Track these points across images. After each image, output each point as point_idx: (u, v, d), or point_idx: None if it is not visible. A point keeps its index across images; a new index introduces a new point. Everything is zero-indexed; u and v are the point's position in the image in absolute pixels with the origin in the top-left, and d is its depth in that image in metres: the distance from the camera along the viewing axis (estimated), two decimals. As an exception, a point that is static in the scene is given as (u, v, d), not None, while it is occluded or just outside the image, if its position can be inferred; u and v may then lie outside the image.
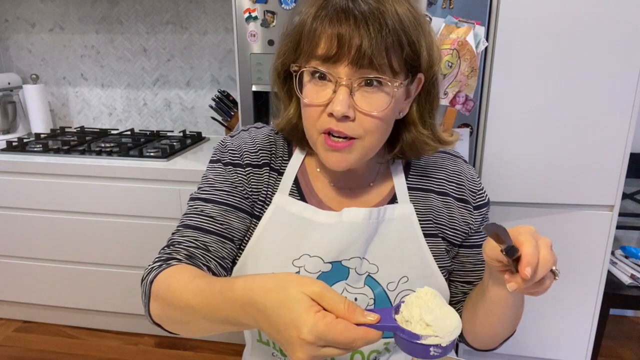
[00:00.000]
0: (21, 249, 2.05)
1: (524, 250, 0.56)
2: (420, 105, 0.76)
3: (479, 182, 0.84)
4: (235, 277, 0.62)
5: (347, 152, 0.71)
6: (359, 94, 0.68)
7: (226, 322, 0.60)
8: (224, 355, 2.03)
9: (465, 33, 1.43)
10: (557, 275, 0.59)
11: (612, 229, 1.62)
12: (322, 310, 0.52)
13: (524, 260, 0.56)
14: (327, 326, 0.50)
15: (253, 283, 0.56)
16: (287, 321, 0.51)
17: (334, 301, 0.52)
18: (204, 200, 0.80)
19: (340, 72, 0.67)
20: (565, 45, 1.46)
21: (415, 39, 0.68)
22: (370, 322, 0.52)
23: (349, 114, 0.67)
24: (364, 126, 0.69)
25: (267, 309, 0.53)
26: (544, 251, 0.57)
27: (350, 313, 0.52)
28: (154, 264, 0.74)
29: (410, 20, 0.68)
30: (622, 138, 1.52)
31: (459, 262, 0.85)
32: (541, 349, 1.79)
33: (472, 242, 0.83)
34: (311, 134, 0.73)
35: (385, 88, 0.68)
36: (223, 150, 0.82)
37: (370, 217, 0.76)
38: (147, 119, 2.46)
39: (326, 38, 0.66)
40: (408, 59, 0.69)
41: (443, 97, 1.49)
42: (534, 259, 0.56)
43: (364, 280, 0.78)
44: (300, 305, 0.51)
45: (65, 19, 2.35)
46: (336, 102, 0.66)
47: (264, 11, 1.57)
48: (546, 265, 0.57)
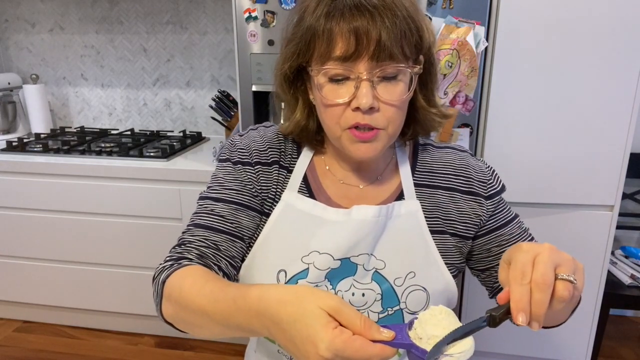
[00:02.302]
0: (21, 249, 2.05)
1: (511, 296, 0.54)
2: (424, 85, 0.78)
3: (488, 171, 0.84)
4: (249, 285, 0.62)
5: (374, 141, 0.72)
6: (380, 86, 0.69)
7: (239, 329, 0.61)
8: (225, 355, 2.03)
9: (465, 33, 1.43)
10: (572, 280, 0.54)
11: (612, 229, 1.62)
12: (339, 326, 0.52)
13: (513, 308, 0.53)
14: (345, 343, 0.50)
15: (269, 294, 0.57)
16: (304, 336, 0.52)
17: (350, 317, 0.52)
18: (214, 199, 0.80)
19: (360, 68, 0.68)
20: (565, 45, 1.46)
21: (419, 23, 0.70)
22: (385, 339, 0.53)
23: (374, 105, 0.69)
24: (387, 115, 0.71)
25: (283, 322, 0.54)
26: (538, 276, 0.53)
27: (366, 329, 0.52)
28: (165, 263, 0.74)
29: (411, 5, 0.70)
30: (622, 138, 1.52)
31: (485, 252, 0.84)
32: (541, 349, 1.79)
33: (489, 227, 0.83)
34: (334, 131, 0.74)
35: (403, 76, 0.70)
36: (232, 149, 0.83)
37: (379, 214, 0.77)
38: (147, 119, 2.46)
39: (343, 36, 0.66)
40: (416, 44, 0.71)
41: (443, 97, 1.49)
42: (523, 302, 0.52)
43: (371, 276, 0.78)
44: (317, 320, 0.51)
45: (65, 19, 2.35)
46: (361, 96, 0.68)
47: (264, 11, 1.57)
48: (542, 298, 0.52)
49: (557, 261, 0.55)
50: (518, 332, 1.75)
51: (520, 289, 0.53)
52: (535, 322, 0.53)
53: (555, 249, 0.56)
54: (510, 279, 0.55)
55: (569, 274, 0.54)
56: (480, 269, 0.86)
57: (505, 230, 0.83)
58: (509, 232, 0.83)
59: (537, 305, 0.52)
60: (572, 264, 0.56)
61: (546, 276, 0.53)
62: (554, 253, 0.55)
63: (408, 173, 0.83)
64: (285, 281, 0.77)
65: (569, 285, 0.54)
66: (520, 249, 0.57)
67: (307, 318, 0.52)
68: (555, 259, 0.55)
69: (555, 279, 0.54)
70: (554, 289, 0.53)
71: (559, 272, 0.54)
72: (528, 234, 0.85)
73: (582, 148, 1.54)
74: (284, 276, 0.77)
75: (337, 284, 0.77)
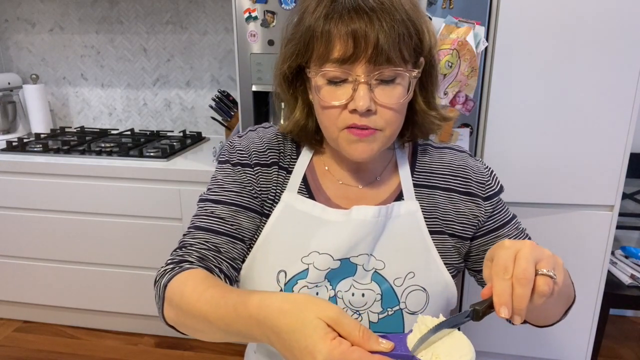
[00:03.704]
0: (21, 249, 2.05)
1: (493, 290, 0.55)
2: (424, 87, 0.78)
3: (486, 172, 0.84)
4: (250, 292, 0.62)
5: (371, 141, 0.72)
6: (378, 89, 0.69)
7: (240, 336, 0.61)
8: (224, 355, 2.03)
9: (465, 33, 1.43)
10: (552, 276, 0.55)
11: (612, 229, 1.62)
12: (338, 337, 0.52)
13: (495, 302, 0.54)
14: (342, 354, 0.50)
15: (268, 303, 0.57)
16: (302, 346, 0.52)
17: (349, 327, 0.53)
18: (214, 201, 0.80)
19: (358, 71, 0.68)
20: (565, 45, 1.46)
21: (419, 26, 0.70)
22: (384, 350, 0.53)
23: (371, 108, 0.69)
24: (385, 117, 0.71)
25: (282, 332, 0.54)
26: (519, 271, 0.54)
27: (365, 340, 0.52)
28: (166, 266, 0.74)
29: (412, 8, 0.69)
30: (622, 138, 1.52)
31: (482, 252, 0.84)
32: (541, 349, 1.79)
33: (487, 229, 0.83)
34: (331, 132, 0.74)
35: (401, 79, 0.70)
36: (231, 151, 0.83)
37: (379, 214, 0.77)
38: (147, 119, 2.46)
39: (341, 39, 0.67)
40: (415, 47, 0.71)
41: (443, 97, 1.49)
42: (505, 296, 0.54)
43: (371, 277, 0.78)
44: (316, 331, 0.52)
45: (65, 19, 2.35)
46: (358, 98, 0.68)
47: (264, 11, 1.57)
48: (523, 293, 0.53)
49: (538, 257, 0.56)
50: (518, 332, 1.75)
51: (502, 283, 0.55)
52: (517, 316, 0.55)
53: (536, 245, 0.58)
54: (492, 274, 0.56)
55: (549, 269, 0.56)
56: (477, 270, 0.86)
57: (502, 231, 0.83)
58: (506, 234, 0.83)
59: (519, 299, 0.54)
60: (552, 260, 0.57)
61: (527, 271, 0.54)
62: (535, 249, 0.57)
63: (407, 174, 0.83)
64: (286, 282, 0.77)
65: (549, 280, 0.55)
66: (502, 246, 0.58)
67: (306, 328, 0.52)
68: (535, 255, 0.56)
69: (536, 274, 0.55)
70: (535, 284, 0.55)
71: (539, 267, 0.56)
72: (525, 235, 0.85)
73: (582, 148, 1.55)
74: (284, 277, 0.77)
75: (336, 284, 0.78)
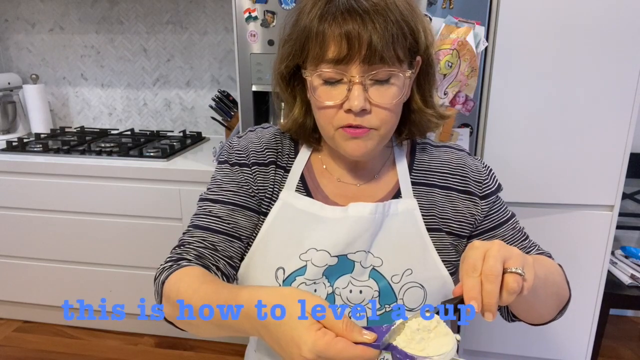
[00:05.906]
0: (21, 249, 2.05)
1: (463, 287, 0.58)
2: (421, 86, 0.78)
3: (484, 171, 0.84)
4: (240, 287, 0.65)
5: (365, 139, 0.73)
6: (372, 89, 0.70)
7: (232, 330, 0.64)
8: (224, 355, 2.03)
9: (465, 33, 1.43)
10: (520, 273, 0.57)
11: (612, 229, 1.62)
12: (323, 328, 0.54)
13: (465, 298, 0.57)
14: (327, 345, 0.52)
15: (257, 296, 0.59)
16: (288, 338, 0.54)
17: (333, 319, 0.54)
18: (212, 200, 0.82)
19: (352, 71, 0.69)
20: (565, 45, 1.46)
21: (414, 26, 0.71)
22: (367, 341, 0.54)
23: (366, 108, 0.70)
24: (379, 117, 0.72)
25: (270, 324, 0.56)
26: (487, 268, 0.56)
27: (348, 331, 0.54)
28: (165, 264, 0.77)
29: (407, 8, 0.70)
30: (622, 138, 1.52)
31: None
32: (541, 349, 1.79)
33: (484, 227, 0.84)
34: (327, 131, 0.75)
35: (396, 79, 0.71)
36: (230, 151, 0.85)
37: (376, 211, 0.78)
38: (147, 119, 2.47)
39: (335, 40, 0.67)
40: (411, 47, 0.71)
41: (443, 97, 1.49)
42: (474, 291, 0.56)
43: (368, 274, 0.79)
44: (301, 323, 0.54)
45: (65, 19, 2.35)
46: (353, 98, 0.69)
47: (264, 11, 1.57)
48: (492, 289, 0.56)
49: (506, 256, 0.58)
50: (518, 332, 1.75)
51: (471, 280, 0.57)
52: (488, 313, 0.57)
53: (505, 245, 0.60)
54: (462, 272, 0.59)
55: (517, 267, 0.57)
56: None
57: (499, 230, 0.84)
58: (503, 233, 0.84)
59: (488, 295, 0.56)
60: (520, 258, 0.59)
61: (494, 268, 0.56)
62: (503, 248, 0.59)
63: (405, 171, 0.83)
64: (284, 278, 0.78)
65: (517, 277, 0.57)
66: (472, 246, 0.60)
67: (292, 321, 0.54)
68: (504, 253, 0.58)
69: (505, 272, 0.57)
70: (503, 282, 0.57)
71: (508, 266, 0.58)
72: (523, 234, 0.86)
73: (582, 148, 1.54)
74: (282, 274, 0.78)
75: (334, 281, 0.78)
